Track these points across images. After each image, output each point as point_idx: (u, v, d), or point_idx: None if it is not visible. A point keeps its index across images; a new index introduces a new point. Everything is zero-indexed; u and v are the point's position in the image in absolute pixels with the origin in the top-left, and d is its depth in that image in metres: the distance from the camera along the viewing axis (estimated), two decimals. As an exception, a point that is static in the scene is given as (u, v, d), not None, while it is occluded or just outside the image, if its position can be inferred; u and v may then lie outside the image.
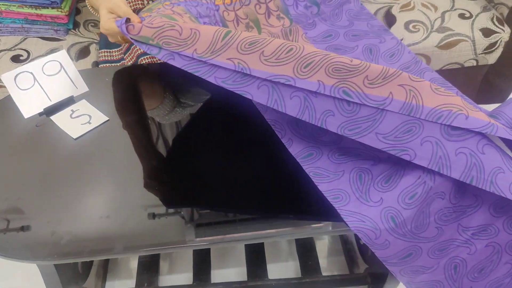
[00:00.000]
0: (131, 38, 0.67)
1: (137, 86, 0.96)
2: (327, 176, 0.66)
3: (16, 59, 1.14)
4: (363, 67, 0.58)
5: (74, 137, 0.80)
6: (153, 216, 0.68)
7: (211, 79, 0.62)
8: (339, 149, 0.68)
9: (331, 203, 0.63)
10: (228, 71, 0.61)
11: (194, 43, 0.62)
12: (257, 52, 0.60)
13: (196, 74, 0.62)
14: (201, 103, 0.90)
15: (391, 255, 0.62)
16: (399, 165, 0.63)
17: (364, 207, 0.62)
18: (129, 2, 1.08)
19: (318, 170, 0.67)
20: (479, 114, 0.57)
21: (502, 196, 0.56)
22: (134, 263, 1.16)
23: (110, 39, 0.80)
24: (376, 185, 0.63)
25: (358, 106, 0.59)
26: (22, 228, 0.67)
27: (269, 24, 0.91)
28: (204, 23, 0.80)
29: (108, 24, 0.75)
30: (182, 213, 0.70)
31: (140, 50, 1.03)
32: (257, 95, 0.60)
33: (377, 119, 0.58)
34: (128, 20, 0.69)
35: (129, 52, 1.06)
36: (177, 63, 0.63)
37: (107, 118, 0.83)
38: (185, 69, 0.63)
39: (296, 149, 0.69)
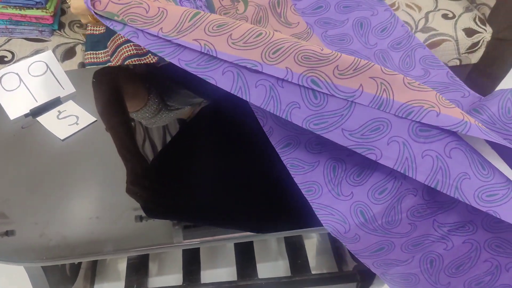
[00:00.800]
0: (95, 13, 0.64)
1: (121, 88, 0.96)
2: (302, 168, 0.66)
3: (0, 60, 1.12)
4: (334, 56, 0.56)
5: (62, 138, 0.79)
6: (140, 218, 0.68)
7: (175, 61, 0.59)
8: (317, 137, 0.66)
9: (305, 195, 0.63)
10: (193, 54, 0.58)
11: (161, 21, 0.60)
12: (225, 35, 0.58)
13: (160, 54, 0.60)
14: (189, 106, 0.90)
15: (362, 249, 0.62)
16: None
17: (335, 201, 0.62)
18: None
19: (294, 162, 0.67)
20: (453, 111, 0.55)
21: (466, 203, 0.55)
22: (122, 265, 1.15)
23: (82, 20, 0.77)
24: (349, 178, 0.63)
25: (325, 99, 0.57)
26: (9, 231, 0.66)
27: None
28: (183, 5, 0.76)
29: (77, 2, 0.72)
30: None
31: (127, 52, 1.03)
32: (221, 81, 0.58)
33: (344, 115, 0.57)
34: None
35: (116, 54, 1.06)
36: (141, 41, 0.61)
37: (95, 119, 0.82)
38: (149, 49, 0.61)
39: (276, 139, 0.68)
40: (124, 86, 0.96)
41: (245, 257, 1.08)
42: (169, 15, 0.60)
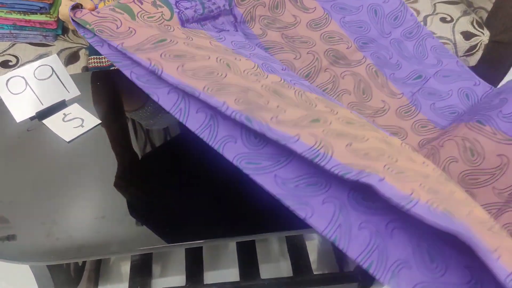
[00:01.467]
0: (72, 19, 0.67)
1: (119, 88, 0.97)
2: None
3: (5, 64, 1.14)
4: (277, 110, 0.52)
5: (67, 140, 0.80)
6: (143, 217, 0.69)
7: (127, 73, 0.60)
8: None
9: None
10: (145, 70, 0.59)
11: (125, 38, 0.62)
12: (177, 63, 0.58)
13: (116, 64, 0.61)
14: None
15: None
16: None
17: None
18: None
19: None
20: (405, 186, 0.44)
21: None
22: (125, 268, 1.16)
23: (69, 26, 0.80)
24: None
25: (265, 141, 0.52)
26: (17, 231, 0.67)
27: None
28: (179, 1, 0.77)
29: (63, 9, 0.75)
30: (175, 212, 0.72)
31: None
32: (164, 99, 0.57)
33: (282, 161, 0.52)
34: (80, 6, 0.69)
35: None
36: (103, 50, 0.63)
37: (100, 121, 0.84)
38: (108, 58, 0.63)
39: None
40: (123, 87, 0.97)
41: (248, 258, 1.10)
42: (136, 34, 0.63)
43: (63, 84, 0.88)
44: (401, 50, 0.83)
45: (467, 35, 1.23)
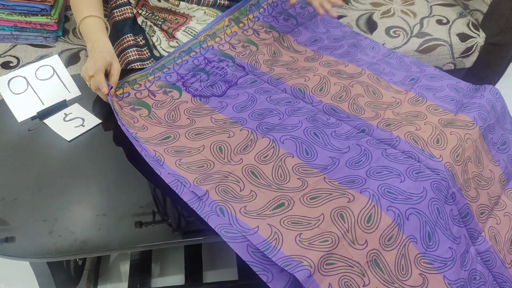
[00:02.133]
0: (111, 99, 0.82)
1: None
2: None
3: (6, 65, 1.15)
4: (247, 198, 0.66)
5: (68, 140, 0.81)
6: (144, 214, 0.70)
7: (139, 149, 0.75)
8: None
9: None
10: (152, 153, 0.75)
11: (139, 131, 0.79)
12: (176, 158, 0.73)
13: (132, 141, 0.76)
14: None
15: None
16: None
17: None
18: (120, 10, 1.11)
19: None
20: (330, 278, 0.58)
21: None
22: (125, 267, 1.17)
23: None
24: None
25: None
26: (19, 228, 0.68)
27: (261, 39, 1.03)
28: (185, 81, 0.92)
29: (99, 85, 0.82)
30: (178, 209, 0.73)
31: (130, 57, 1.06)
32: (165, 176, 0.70)
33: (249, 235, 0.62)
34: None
35: (119, 58, 1.08)
36: (123, 129, 0.78)
37: (100, 121, 0.85)
38: (127, 136, 0.77)
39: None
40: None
41: (246, 257, 1.10)
42: (147, 131, 0.80)
43: (64, 84, 0.89)
44: (389, 64, 0.96)
45: (463, 37, 1.25)
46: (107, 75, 0.85)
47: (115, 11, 1.12)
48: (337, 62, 0.95)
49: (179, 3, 1.02)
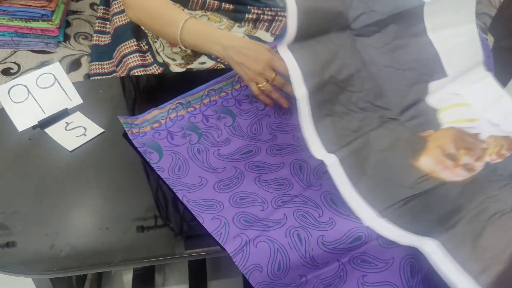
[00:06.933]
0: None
1: (122, 96, 0.96)
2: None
3: (6, 72, 1.13)
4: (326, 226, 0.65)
5: (70, 150, 0.79)
6: (142, 229, 0.68)
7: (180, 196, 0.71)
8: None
9: None
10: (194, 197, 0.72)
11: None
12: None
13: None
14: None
15: None
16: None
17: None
18: (124, 16, 1.09)
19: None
20: None
21: None
22: (128, 277, 1.15)
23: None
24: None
25: (284, 273, 0.63)
26: (19, 242, 0.66)
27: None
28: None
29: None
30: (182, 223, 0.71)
31: (132, 63, 1.04)
32: (207, 223, 0.67)
33: None
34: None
35: (121, 64, 1.07)
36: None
37: (103, 130, 0.83)
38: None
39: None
40: (131, 96, 0.97)
41: (251, 267, 1.08)
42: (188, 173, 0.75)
43: (65, 92, 0.87)
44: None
45: (471, 41, 1.23)
46: None
47: (117, 16, 1.10)
48: None
49: (183, 9, 1.00)
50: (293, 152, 0.78)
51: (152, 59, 1.05)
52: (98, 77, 1.10)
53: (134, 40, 1.06)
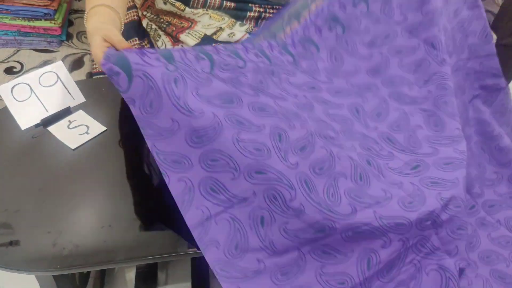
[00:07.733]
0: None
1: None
2: None
3: (9, 71, 1.14)
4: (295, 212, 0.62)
5: (73, 148, 0.80)
6: (150, 226, 0.68)
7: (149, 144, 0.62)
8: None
9: None
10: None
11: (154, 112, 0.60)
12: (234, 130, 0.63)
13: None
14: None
15: None
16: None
17: None
18: (125, 14, 1.09)
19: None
20: None
21: None
22: (130, 275, 1.15)
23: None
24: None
25: (242, 254, 0.63)
26: (22, 240, 0.66)
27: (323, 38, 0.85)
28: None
29: (100, 55, 0.64)
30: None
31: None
32: (173, 185, 0.62)
33: (249, 276, 0.63)
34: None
35: (123, 62, 1.07)
36: (134, 111, 0.61)
37: (105, 128, 0.83)
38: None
39: None
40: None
41: (254, 265, 1.08)
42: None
43: (68, 91, 0.88)
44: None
45: (474, 39, 1.22)
46: None
47: (119, 14, 1.10)
48: (402, 79, 0.81)
49: (185, 8, 1.00)
50: (276, 115, 0.66)
51: (154, 58, 1.05)
52: (101, 76, 1.10)
53: (136, 38, 1.06)
